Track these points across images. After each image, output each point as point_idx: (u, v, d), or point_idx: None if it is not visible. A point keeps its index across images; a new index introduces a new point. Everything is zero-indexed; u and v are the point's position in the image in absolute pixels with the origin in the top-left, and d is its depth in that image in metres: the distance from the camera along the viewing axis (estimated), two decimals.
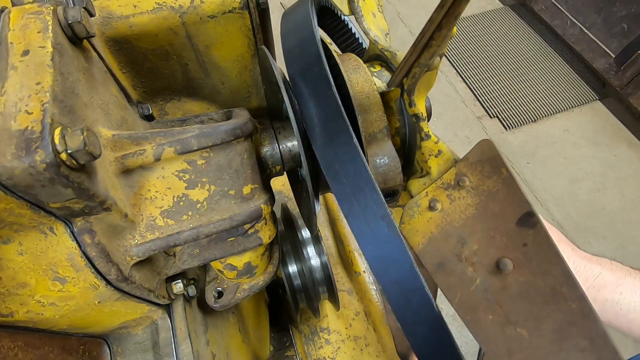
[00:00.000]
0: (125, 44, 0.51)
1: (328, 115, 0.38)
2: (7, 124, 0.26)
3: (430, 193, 0.44)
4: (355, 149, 0.36)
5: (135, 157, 0.37)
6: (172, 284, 0.47)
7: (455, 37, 2.50)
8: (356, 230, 0.35)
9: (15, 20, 0.32)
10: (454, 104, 2.28)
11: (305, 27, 0.43)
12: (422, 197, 0.45)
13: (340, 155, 0.37)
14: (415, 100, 0.47)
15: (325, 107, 0.39)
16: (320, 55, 0.39)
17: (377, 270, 0.35)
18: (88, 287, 0.36)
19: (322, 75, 0.39)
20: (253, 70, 0.62)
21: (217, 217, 0.40)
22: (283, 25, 0.46)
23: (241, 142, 0.41)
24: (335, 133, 0.37)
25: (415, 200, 0.45)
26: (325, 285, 0.77)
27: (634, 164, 2.05)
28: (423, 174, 0.49)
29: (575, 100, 2.24)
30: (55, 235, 0.32)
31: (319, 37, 0.42)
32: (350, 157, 0.36)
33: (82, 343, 0.45)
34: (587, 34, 2.19)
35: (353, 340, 0.96)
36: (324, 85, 0.38)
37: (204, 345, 0.52)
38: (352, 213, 0.36)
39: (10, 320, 0.36)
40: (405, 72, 0.44)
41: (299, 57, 0.41)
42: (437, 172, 0.46)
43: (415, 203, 0.45)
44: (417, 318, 0.35)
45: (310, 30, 0.42)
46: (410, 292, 0.34)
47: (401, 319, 0.35)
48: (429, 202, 0.44)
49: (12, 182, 0.26)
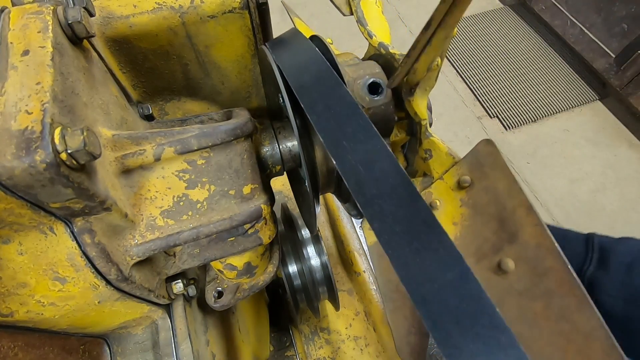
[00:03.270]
0: (125, 44, 0.51)
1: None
2: (7, 123, 0.26)
3: (431, 193, 0.45)
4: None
5: (135, 157, 0.37)
6: (172, 284, 0.47)
7: (455, 37, 2.50)
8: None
9: (15, 20, 0.32)
10: (454, 104, 2.28)
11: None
12: (423, 195, 0.44)
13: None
14: (416, 101, 0.47)
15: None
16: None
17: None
18: (88, 287, 0.36)
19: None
20: (253, 70, 0.62)
21: (217, 217, 0.40)
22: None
23: (241, 142, 0.41)
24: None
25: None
26: (325, 285, 0.77)
27: (634, 164, 2.05)
28: (423, 176, 0.49)
29: (575, 100, 2.24)
30: (55, 235, 0.32)
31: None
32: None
33: (82, 343, 0.45)
34: (587, 34, 2.19)
35: (353, 340, 0.96)
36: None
37: (204, 345, 0.52)
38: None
39: (10, 320, 0.36)
40: (405, 72, 0.44)
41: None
42: (438, 173, 0.46)
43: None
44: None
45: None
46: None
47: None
48: (429, 203, 0.44)
49: (12, 182, 0.26)
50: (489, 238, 0.39)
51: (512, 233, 0.38)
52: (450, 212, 0.43)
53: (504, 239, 0.38)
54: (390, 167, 0.31)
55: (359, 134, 0.34)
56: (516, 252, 0.37)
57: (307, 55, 0.42)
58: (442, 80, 2.35)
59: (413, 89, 0.46)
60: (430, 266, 0.27)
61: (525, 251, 0.37)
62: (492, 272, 0.38)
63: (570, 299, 0.34)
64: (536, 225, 0.36)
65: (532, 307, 0.35)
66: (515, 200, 0.38)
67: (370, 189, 0.31)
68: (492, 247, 0.39)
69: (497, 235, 0.39)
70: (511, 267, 0.37)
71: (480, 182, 0.41)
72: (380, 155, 0.32)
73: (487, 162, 0.41)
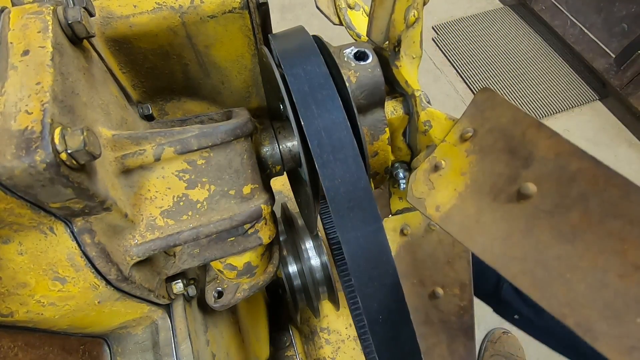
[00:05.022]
0: (125, 44, 0.51)
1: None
2: (7, 123, 0.26)
3: (434, 157, 0.43)
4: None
5: (135, 157, 0.37)
6: (172, 284, 0.47)
7: (455, 37, 2.50)
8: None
9: (15, 20, 0.32)
10: (454, 104, 2.28)
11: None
12: (427, 162, 0.44)
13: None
14: (404, 68, 0.47)
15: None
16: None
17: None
18: (88, 287, 0.36)
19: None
20: (253, 70, 0.62)
21: (217, 217, 0.40)
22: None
23: (241, 142, 0.41)
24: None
25: (421, 167, 0.44)
26: (325, 285, 0.77)
27: (634, 164, 2.05)
28: (426, 148, 0.48)
29: (575, 100, 2.24)
30: (55, 235, 0.32)
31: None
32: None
33: (82, 343, 0.45)
34: (587, 34, 2.19)
35: (353, 340, 0.96)
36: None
37: (204, 345, 0.52)
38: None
39: (10, 320, 0.36)
40: (381, 22, 0.44)
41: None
42: (440, 139, 0.45)
43: (421, 169, 0.44)
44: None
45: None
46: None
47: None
48: (434, 165, 0.42)
49: (12, 182, 0.26)
50: (502, 172, 0.36)
51: (525, 157, 0.34)
52: (456, 165, 0.40)
53: (519, 166, 0.35)
54: (347, 138, 0.38)
55: (327, 103, 0.38)
56: (534, 173, 0.33)
57: (295, 30, 0.46)
58: (442, 80, 2.35)
59: (397, 47, 0.46)
60: (355, 219, 0.37)
61: (544, 167, 0.33)
62: (513, 203, 0.34)
63: (610, 191, 0.28)
64: (550, 137, 0.33)
65: (568, 220, 0.30)
66: (522, 125, 0.35)
67: (327, 154, 0.37)
68: (507, 179, 0.35)
69: (510, 166, 0.35)
70: (532, 189, 0.33)
71: (483, 127, 0.39)
72: (340, 126, 0.38)
73: (486, 106, 0.39)
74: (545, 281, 0.30)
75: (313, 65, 0.40)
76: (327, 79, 0.40)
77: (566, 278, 0.29)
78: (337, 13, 0.61)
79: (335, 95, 0.39)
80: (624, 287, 0.26)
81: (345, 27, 0.59)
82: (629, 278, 0.26)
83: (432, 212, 0.41)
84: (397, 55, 0.47)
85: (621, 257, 0.27)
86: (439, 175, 0.42)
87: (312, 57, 0.41)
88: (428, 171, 0.43)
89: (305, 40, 0.43)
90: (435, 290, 0.54)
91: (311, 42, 0.43)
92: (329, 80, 0.39)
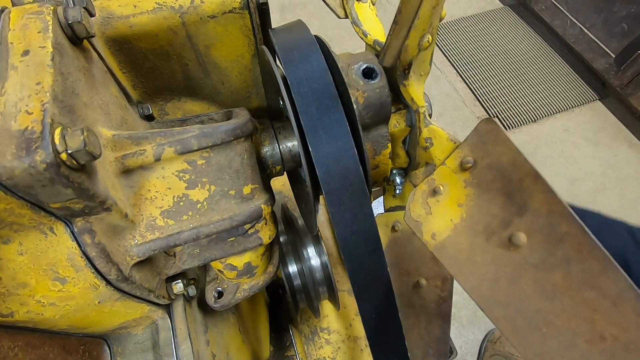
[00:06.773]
0: (125, 44, 0.51)
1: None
2: (7, 124, 0.26)
3: (434, 179, 0.44)
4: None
5: (135, 157, 0.37)
6: (172, 284, 0.47)
7: (455, 37, 2.50)
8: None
9: (16, 20, 0.32)
10: (454, 104, 2.28)
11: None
12: (426, 183, 0.44)
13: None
14: (412, 87, 0.47)
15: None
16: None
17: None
18: (88, 287, 0.36)
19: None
20: (253, 70, 0.62)
21: (217, 217, 0.40)
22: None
23: (241, 142, 0.41)
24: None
25: (420, 188, 0.44)
26: (325, 285, 0.77)
27: (634, 164, 2.05)
28: (425, 165, 0.48)
29: (575, 100, 2.24)
30: (56, 235, 0.32)
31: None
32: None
33: (82, 343, 0.45)
34: (587, 34, 2.19)
35: (353, 340, 0.96)
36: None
37: (204, 346, 0.51)
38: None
39: (10, 320, 0.36)
40: (396, 48, 0.43)
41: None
42: (440, 159, 0.45)
43: (419, 190, 0.44)
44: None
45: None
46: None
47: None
48: (433, 189, 0.43)
49: (12, 182, 0.26)
50: (496, 214, 0.37)
51: (520, 205, 0.36)
52: (454, 195, 0.41)
53: (513, 212, 0.36)
54: (353, 166, 0.39)
55: (335, 128, 0.38)
56: (527, 223, 0.35)
57: (300, 33, 0.45)
58: (442, 80, 2.35)
59: (407, 70, 0.46)
60: (357, 215, 0.40)
61: (536, 221, 0.34)
62: (504, 248, 0.36)
63: (591, 262, 0.30)
64: (546, 192, 0.34)
65: (551, 278, 0.32)
66: (521, 171, 0.36)
67: (334, 181, 0.38)
68: (500, 222, 0.37)
69: (505, 210, 0.36)
70: (523, 240, 0.34)
71: (483, 160, 0.39)
72: (347, 153, 0.38)
73: (488, 139, 0.39)
74: (523, 330, 0.33)
75: (322, 85, 0.40)
76: (335, 102, 0.39)
77: (542, 332, 0.32)
78: (344, 5, 0.59)
79: (343, 121, 0.38)
80: (588, 352, 0.30)
81: (351, 22, 0.58)
82: (594, 346, 0.30)
83: (428, 239, 0.42)
84: (406, 75, 0.47)
85: (590, 325, 0.30)
86: (436, 200, 0.43)
87: (321, 73, 0.40)
88: (427, 193, 0.44)
89: (308, 39, 0.43)
90: (420, 280, 0.58)
91: (315, 44, 0.42)
92: (337, 104, 0.39)
